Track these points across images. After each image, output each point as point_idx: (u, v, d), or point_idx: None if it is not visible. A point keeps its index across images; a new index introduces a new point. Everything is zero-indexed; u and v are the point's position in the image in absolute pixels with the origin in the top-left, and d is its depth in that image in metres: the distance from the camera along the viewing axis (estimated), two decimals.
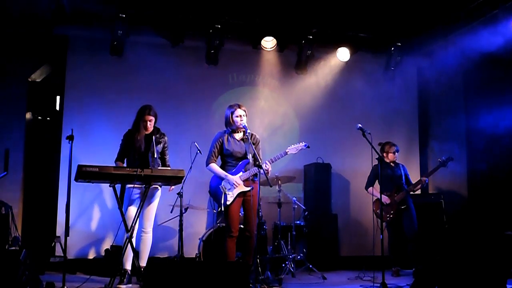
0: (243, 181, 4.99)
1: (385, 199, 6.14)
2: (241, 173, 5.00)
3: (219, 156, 5.15)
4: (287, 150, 5.12)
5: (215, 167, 5.07)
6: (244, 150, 5.06)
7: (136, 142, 5.19)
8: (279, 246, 6.26)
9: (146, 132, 5.26)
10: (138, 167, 4.73)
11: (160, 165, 5.29)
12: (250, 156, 5.04)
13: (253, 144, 5.04)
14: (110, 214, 6.58)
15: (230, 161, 5.08)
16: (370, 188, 6.28)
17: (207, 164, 5.09)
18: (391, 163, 6.38)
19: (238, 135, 5.13)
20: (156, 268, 3.68)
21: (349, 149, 7.51)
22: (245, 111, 5.09)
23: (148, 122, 5.22)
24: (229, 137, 5.09)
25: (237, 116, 5.03)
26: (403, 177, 6.36)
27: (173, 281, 3.65)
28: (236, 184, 4.95)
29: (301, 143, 5.18)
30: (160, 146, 5.31)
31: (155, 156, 5.21)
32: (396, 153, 6.40)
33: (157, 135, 5.30)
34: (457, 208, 7.23)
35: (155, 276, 3.63)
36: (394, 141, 6.52)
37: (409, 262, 6.29)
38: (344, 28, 7.18)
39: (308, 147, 5.22)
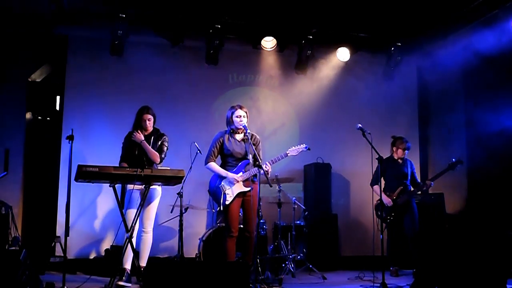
0: (243, 181, 4.99)
1: (387, 201, 6.12)
2: (241, 173, 5.00)
3: (219, 156, 5.15)
4: (287, 152, 5.10)
5: (214, 165, 5.07)
6: (244, 150, 5.05)
7: (136, 143, 5.19)
8: (279, 246, 6.25)
9: (146, 133, 5.26)
10: (138, 167, 4.74)
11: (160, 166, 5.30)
12: (250, 157, 5.03)
13: (254, 144, 5.03)
14: (110, 214, 6.57)
15: (230, 161, 5.08)
16: (376, 186, 6.10)
17: (206, 163, 5.09)
18: (399, 160, 6.30)
19: (239, 136, 5.12)
20: (156, 268, 3.68)
21: (349, 149, 7.50)
22: (246, 112, 5.09)
23: (147, 121, 5.22)
24: (230, 137, 5.09)
25: (237, 117, 5.04)
26: (409, 175, 6.27)
27: (173, 281, 3.65)
28: (235, 181, 4.95)
29: (301, 145, 5.15)
30: (157, 144, 5.28)
31: None
32: (407, 151, 6.28)
33: (156, 136, 5.29)
34: (457, 208, 7.22)
35: (155, 276, 3.63)
36: None
37: (409, 262, 6.26)
38: (344, 28, 7.17)
39: (309, 149, 5.20)
